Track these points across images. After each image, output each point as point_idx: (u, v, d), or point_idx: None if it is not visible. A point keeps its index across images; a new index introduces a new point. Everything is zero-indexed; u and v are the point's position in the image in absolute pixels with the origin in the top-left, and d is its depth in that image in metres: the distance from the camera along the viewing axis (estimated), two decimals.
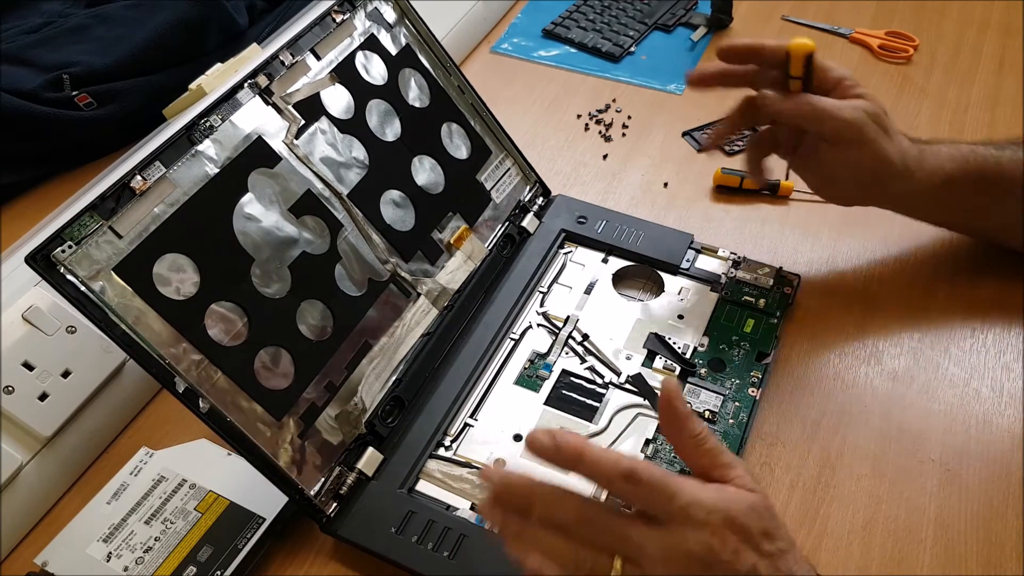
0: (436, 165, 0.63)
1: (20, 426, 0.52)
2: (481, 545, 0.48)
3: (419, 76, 0.63)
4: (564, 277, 0.65)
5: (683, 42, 0.92)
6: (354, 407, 0.54)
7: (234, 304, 0.49)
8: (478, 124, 0.67)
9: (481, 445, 0.55)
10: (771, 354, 0.59)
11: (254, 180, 0.52)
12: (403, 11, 0.63)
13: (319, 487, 0.50)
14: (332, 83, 0.57)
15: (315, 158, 0.56)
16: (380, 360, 0.56)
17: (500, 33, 0.95)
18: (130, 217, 0.46)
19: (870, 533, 0.51)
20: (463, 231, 0.63)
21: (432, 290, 0.61)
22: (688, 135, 0.80)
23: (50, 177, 0.75)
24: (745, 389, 0.57)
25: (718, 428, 0.55)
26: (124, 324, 0.44)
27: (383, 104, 0.60)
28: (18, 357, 0.52)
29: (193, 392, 0.46)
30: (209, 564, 0.49)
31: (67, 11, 0.82)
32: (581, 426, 0.55)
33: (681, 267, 0.64)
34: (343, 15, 0.59)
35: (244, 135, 0.52)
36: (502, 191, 0.68)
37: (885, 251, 0.68)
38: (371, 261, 0.57)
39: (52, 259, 0.42)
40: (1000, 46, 0.89)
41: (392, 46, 0.62)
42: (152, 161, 0.47)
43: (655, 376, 0.58)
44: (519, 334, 0.61)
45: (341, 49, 0.58)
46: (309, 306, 0.53)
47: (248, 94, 0.53)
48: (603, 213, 0.69)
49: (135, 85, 0.74)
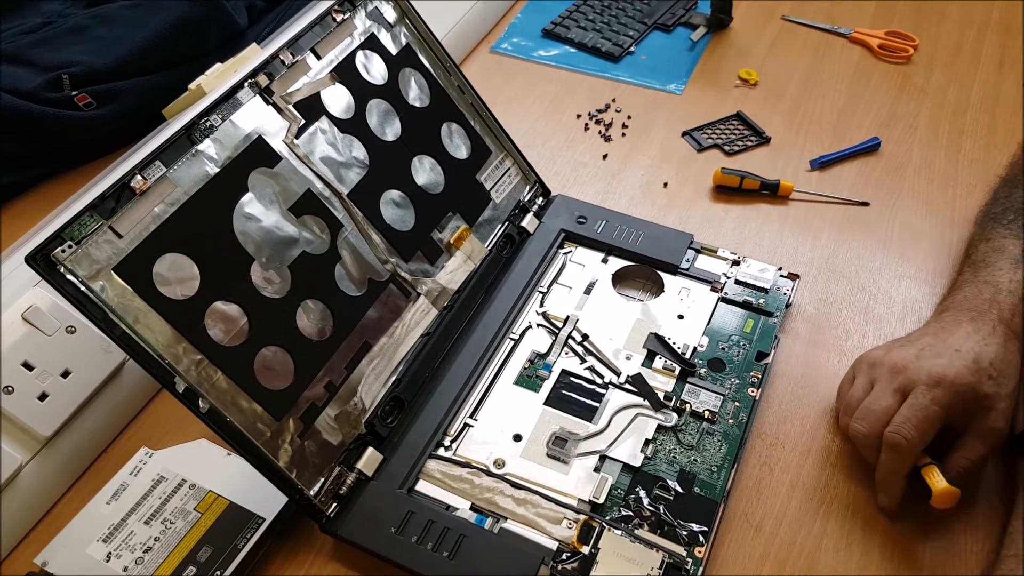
0: (436, 165, 0.63)
1: (20, 426, 0.52)
2: (481, 545, 0.48)
3: (419, 76, 0.63)
4: (564, 277, 0.65)
5: (683, 42, 0.92)
6: (354, 407, 0.54)
7: (234, 304, 0.49)
8: (478, 124, 0.67)
9: (481, 445, 0.55)
10: (771, 354, 0.59)
11: (254, 180, 0.52)
12: (403, 11, 0.63)
13: (319, 487, 0.50)
14: (332, 83, 0.57)
15: (315, 158, 0.55)
16: (380, 360, 0.56)
17: (500, 33, 0.95)
18: (130, 217, 0.46)
19: (870, 533, 0.51)
20: (463, 231, 0.63)
21: (432, 290, 0.60)
22: (688, 135, 0.80)
23: (50, 177, 0.75)
24: (745, 389, 0.57)
25: (718, 428, 0.55)
26: (124, 324, 0.44)
27: (383, 104, 0.60)
28: (18, 357, 0.52)
29: (193, 392, 0.46)
30: (209, 564, 0.49)
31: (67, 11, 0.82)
32: (581, 426, 0.55)
33: (681, 267, 0.64)
34: (343, 15, 0.59)
35: (244, 135, 0.52)
36: (502, 191, 0.68)
37: (885, 251, 0.68)
38: (371, 261, 0.57)
39: (52, 259, 0.42)
40: (1000, 46, 0.89)
41: (392, 46, 0.62)
42: (152, 161, 0.47)
43: (655, 376, 0.58)
44: (519, 334, 0.61)
45: (341, 49, 0.58)
46: (309, 306, 0.53)
47: (248, 93, 0.53)
48: (603, 213, 0.69)
49: (135, 85, 0.74)
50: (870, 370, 0.53)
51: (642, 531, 0.50)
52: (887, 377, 0.52)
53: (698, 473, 0.53)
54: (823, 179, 0.75)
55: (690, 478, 0.52)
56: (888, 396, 0.51)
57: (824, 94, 0.84)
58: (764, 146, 0.79)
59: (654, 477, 0.52)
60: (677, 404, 0.56)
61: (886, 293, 0.65)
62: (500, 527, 0.51)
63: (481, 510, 0.51)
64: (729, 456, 0.53)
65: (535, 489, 0.52)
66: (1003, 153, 0.76)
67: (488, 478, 0.53)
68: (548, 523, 0.50)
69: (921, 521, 0.51)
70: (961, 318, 0.54)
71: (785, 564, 0.50)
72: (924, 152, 0.77)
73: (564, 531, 0.50)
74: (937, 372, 0.50)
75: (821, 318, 0.63)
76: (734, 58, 0.89)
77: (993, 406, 0.49)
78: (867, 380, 0.53)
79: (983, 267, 0.58)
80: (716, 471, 0.53)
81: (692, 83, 0.86)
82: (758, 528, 0.51)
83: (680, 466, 0.53)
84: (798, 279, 0.63)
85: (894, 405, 0.50)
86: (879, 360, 0.53)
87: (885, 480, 0.50)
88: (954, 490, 0.48)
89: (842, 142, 0.78)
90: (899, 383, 0.51)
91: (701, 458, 0.53)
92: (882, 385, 0.52)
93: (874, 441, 0.50)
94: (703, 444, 0.54)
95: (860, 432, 0.51)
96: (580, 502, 0.51)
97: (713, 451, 0.54)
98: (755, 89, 0.85)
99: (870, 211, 0.72)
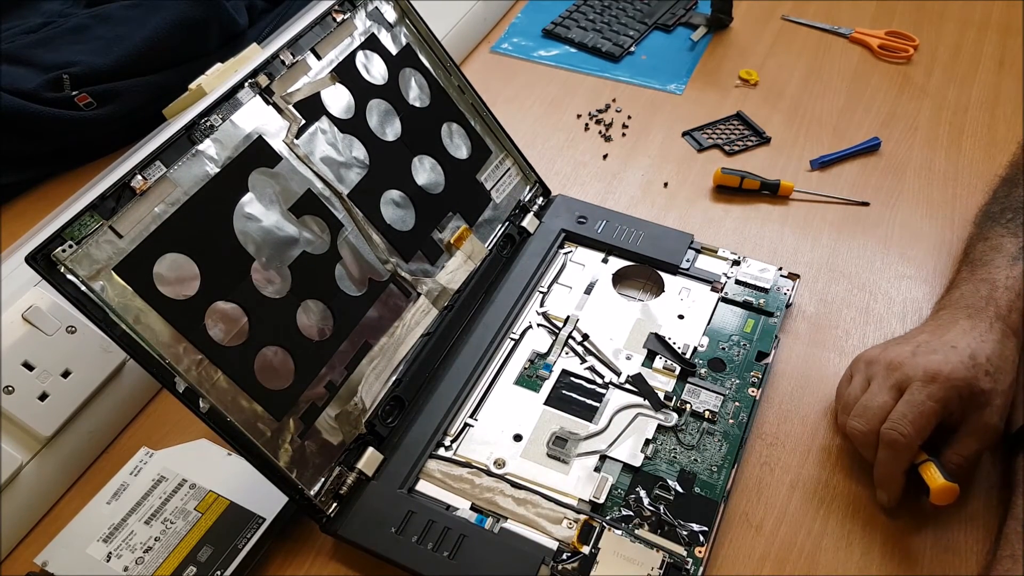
0: (436, 165, 0.63)
1: (20, 426, 0.52)
2: (481, 545, 0.48)
3: (419, 76, 0.63)
4: (564, 277, 0.65)
5: (683, 42, 0.92)
6: (354, 407, 0.54)
7: (234, 304, 0.49)
8: (478, 124, 0.67)
9: (481, 445, 0.55)
10: (771, 354, 0.59)
11: (254, 180, 0.52)
12: (404, 11, 0.63)
13: (319, 487, 0.50)
14: (332, 83, 0.57)
15: (315, 158, 0.55)
16: (380, 360, 0.56)
17: (500, 33, 0.95)
18: (130, 217, 0.46)
19: (870, 533, 0.51)
20: (463, 231, 0.63)
21: (432, 290, 0.60)
22: (688, 135, 0.80)
23: (50, 177, 0.75)
24: (745, 389, 0.57)
25: (718, 428, 0.55)
26: (124, 324, 0.44)
27: (383, 104, 0.60)
28: (18, 357, 0.52)
29: (193, 392, 0.46)
30: (209, 564, 0.49)
31: (67, 11, 0.82)
32: (581, 426, 0.55)
33: (681, 267, 0.64)
34: (343, 15, 0.59)
35: (244, 135, 0.52)
36: (502, 191, 0.68)
37: (885, 251, 0.68)
38: (371, 261, 0.57)
39: (53, 259, 0.42)
40: (1000, 46, 0.89)
41: (392, 46, 0.62)
42: (152, 161, 0.47)
43: (655, 376, 0.58)
44: (519, 334, 0.61)
45: (341, 49, 0.58)
46: (309, 306, 0.53)
47: (248, 94, 0.53)
48: (603, 213, 0.69)
49: (135, 85, 0.74)
50: (867, 368, 0.54)
51: (642, 531, 0.50)
52: (883, 374, 0.52)
53: (698, 473, 0.53)
54: (823, 179, 0.75)
55: (690, 478, 0.52)
56: (884, 393, 0.51)
57: (824, 94, 0.84)
58: (764, 146, 0.79)
59: (654, 477, 0.52)
60: (677, 404, 0.56)
61: (886, 293, 0.65)
62: (500, 527, 0.51)
63: (481, 510, 0.51)
64: (729, 456, 0.53)
65: (535, 489, 0.52)
66: (1003, 153, 0.76)
67: (488, 478, 0.53)
68: (548, 523, 0.50)
69: (921, 520, 0.51)
70: (958, 315, 0.54)
71: (785, 564, 0.50)
72: (924, 152, 0.77)
73: (564, 531, 0.50)
74: (933, 368, 0.50)
75: (821, 318, 0.63)
76: (734, 58, 0.89)
77: (989, 402, 0.50)
78: (864, 378, 0.53)
79: (980, 265, 0.58)
80: (716, 471, 0.53)
81: (692, 83, 0.86)
82: (758, 528, 0.51)
83: (680, 466, 0.53)
84: (798, 279, 0.64)
85: (890, 402, 0.50)
86: (875, 358, 0.53)
87: (884, 477, 0.50)
88: (953, 486, 0.48)
89: (842, 142, 0.78)
90: (895, 379, 0.51)
91: (701, 458, 0.53)
92: (878, 382, 0.52)
93: (871, 438, 0.51)
94: (703, 444, 0.54)
95: (857, 429, 0.51)
96: (580, 502, 0.51)
97: (713, 451, 0.54)
98: (755, 89, 0.85)
99: (870, 211, 0.72)
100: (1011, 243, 0.58)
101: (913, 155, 0.77)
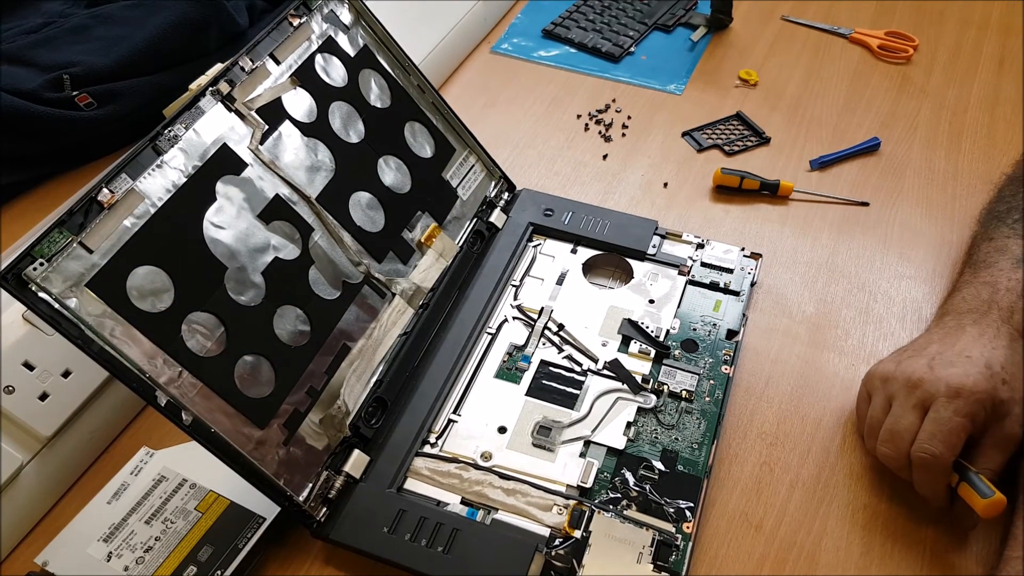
0: (402, 165, 0.63)
1: (20, 426, 0.52)
2: (475, 538, 0.49)
3: (379, 77, 0.63)
4: (535, 269, 0.66)
5: (683, 42, 0.92)
6: (337, 410, 0.54)
7: (210, 314, 0.48)
8: (440, 122, 0.67)
9: (466, 440, 0.55)
10: (740, 332, 0.59)
11: (221, 188, 0.51)
12: (359, 12, 0.62)
13: (307, 493, 0.50)
14: (293, 87, 0.57)
15: (281, 163, 0.55)
16: (360, 362, 0.56)
17: (500, 33, 0.95)
18: (100, 231, 0.44)
19: (870, 533, 0.51)
20: (433, 229, 0.64)
21: (406, 289, 0.60)
22: (688, 135, 0.80)
23: (50, 177, 0.74)
24: (718, 367, 0.58)
25: (695, 406, 0.56)
26: (101, 340, 0.43)
27: (345, 106, 0.60)
28: (18, 357, 0.52)
29: (175, 405, 0.45)
30: (209, 564, 0.49)
31: (67, 11, 0.82)
32: (563, 414, 0.56)
33: (648, 253, 0.65)
34: (299, 18, 0.58)
35: (209, 143, 0.51)
36: (468, 188, 0.68)
37: (885, 251, 0.68)
38: (343, 264, 0.57)
39: (24, 278, 0.41)
40: (1000, 46, 0.89)
41: (350, 47, 0.61)
42: (118, 173, 0.46)
43: (632, 360, 0.59)
44: (495, 328, 0.62)
45: (300, 53, 0.58)
46: (285, 312, 0.52)
47: (211, 102, 0.52)
48: (569, 204, 0.69)
49: (135, 85, 0.74)
50: (884, 386, 0.52)
51: (631, 511, 0.50)
52: (904, 393, 0.50)
53: (680, 451, 0.53)
54: (823, 179, 0.75)
55: (673, 456, 0.53)
56: (909, 413, 0.50)
57: (824, 94, 0.84)
58: (764, 146, 0.79)
59: (638, 458, 0.53)
60: (655, 386, 0.57)
61: (886, 293, 0.65)
62: (492, 518, 0.51)
63: (472, 503, 0.52)
64: (709, 433, 0.54)
65: (523, 479, 0.52)
66: (1003, 153, 0.76)
67: (476, 471, 0.53)
68: (539, 511, 0.51)
69: (921, 520, 0.51)
70: (964, 321, 0.53)
71: (785, 564, 0.50)
72: (924, 152, 0.77)
73: (555, 517, 0.50)
74: (955, 383, 0.49)
75: (821, 318, 0.63)
76: (734, 58, 0.89)
77: (1009, 411, 0.49)
78: (883, 398, 0.52)
79: (983, 268, 0.57)
80: (697, 448, 0.54)
81: (692, 83, 0.86)
82: (758, 528, 0.52)
83: (662, 446, 0.54)
84: (761, 258, 0.65)
85: (916, 422, 0.49)
86: (891, 375, 0.52)
87: (927, 495, 0.50)
88: (998, 499, 0.46)
89: (842, 142, 0.78)
90: (917, 398, 0.50)
91: (682, 436, 0.54)
92: (900, 402, 0.50)
93: (903, 462, 0.50)
94: (683, 423, 0.55)
95: (888, 455, 0.50)
96: (568, 488, 0.52)
97: (693, 429, 0.55)
98: (755, 89, 0.85)
99: (870, 211, 0.72)
100: (1016, 245, 0.57)
101: (913, 155, 0.77)
